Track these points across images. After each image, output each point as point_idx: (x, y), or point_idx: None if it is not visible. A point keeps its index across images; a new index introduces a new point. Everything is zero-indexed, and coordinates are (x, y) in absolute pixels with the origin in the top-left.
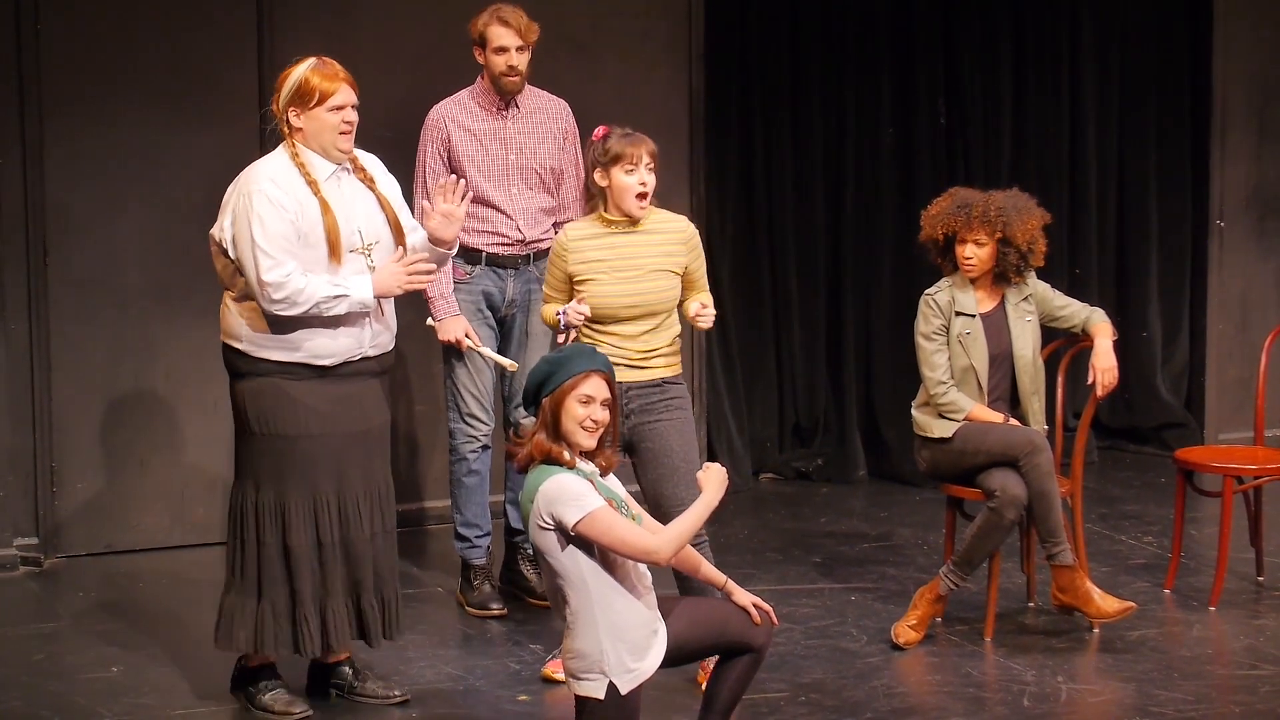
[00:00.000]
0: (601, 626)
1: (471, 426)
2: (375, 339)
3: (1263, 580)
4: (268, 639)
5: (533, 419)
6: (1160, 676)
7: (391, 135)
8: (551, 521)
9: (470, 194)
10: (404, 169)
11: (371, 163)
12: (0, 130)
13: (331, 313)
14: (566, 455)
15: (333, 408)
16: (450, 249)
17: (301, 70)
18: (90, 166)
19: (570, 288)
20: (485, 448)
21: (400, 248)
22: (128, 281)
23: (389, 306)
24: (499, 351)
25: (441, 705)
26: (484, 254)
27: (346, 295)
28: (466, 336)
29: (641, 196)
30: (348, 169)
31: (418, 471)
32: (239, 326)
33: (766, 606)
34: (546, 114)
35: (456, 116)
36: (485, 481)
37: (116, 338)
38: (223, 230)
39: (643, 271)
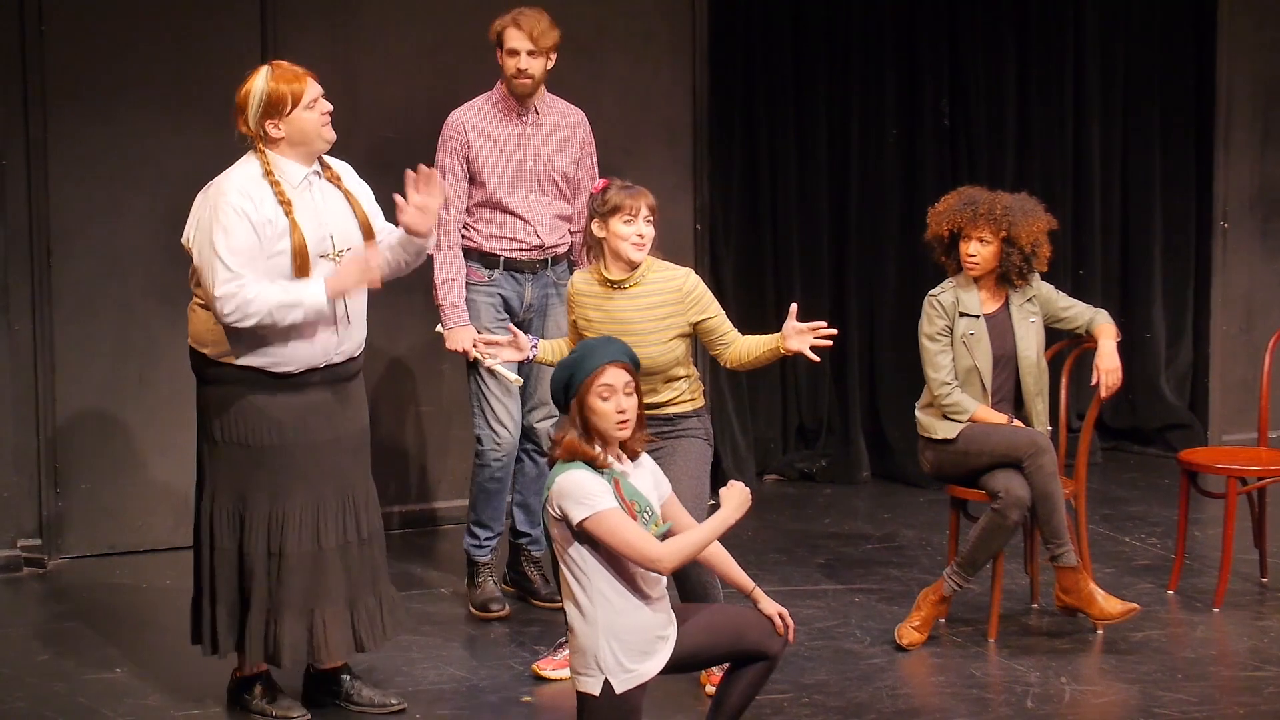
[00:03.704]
0: (601, 625)
1: (497, 434)
2: (340, 345)
3: (1266, 581)
4: (222, 643)
5: (550, 423)
6: (1164, 678)
7: (395, 135)
8: (560, 514)
9: (445, 183)
10: (404, 169)
11: (341, 168)
12: (4, 131)
13: (288, 321)
14: (598, 453)
15: (298, 417)
16: (425, 240)
17: (261, 83)
18: (94, 167)
19: (576, 332)
20: (509, 454)
21: (369, 244)
22: (131, 282)
23: (358, 312)
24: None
25: (445, 705)
26: (502, 259)
27: (300, 303)
28: (475, 347)
29: (637, 248)
30: (319, 172)
31: (424, 473)
32: (205, 332)
33: (790, 621)
34: (565, 122)
35: (476, 122)
36: (505, 488)
37: (120, 338)
38: (189, 238)
39: (638, 335)
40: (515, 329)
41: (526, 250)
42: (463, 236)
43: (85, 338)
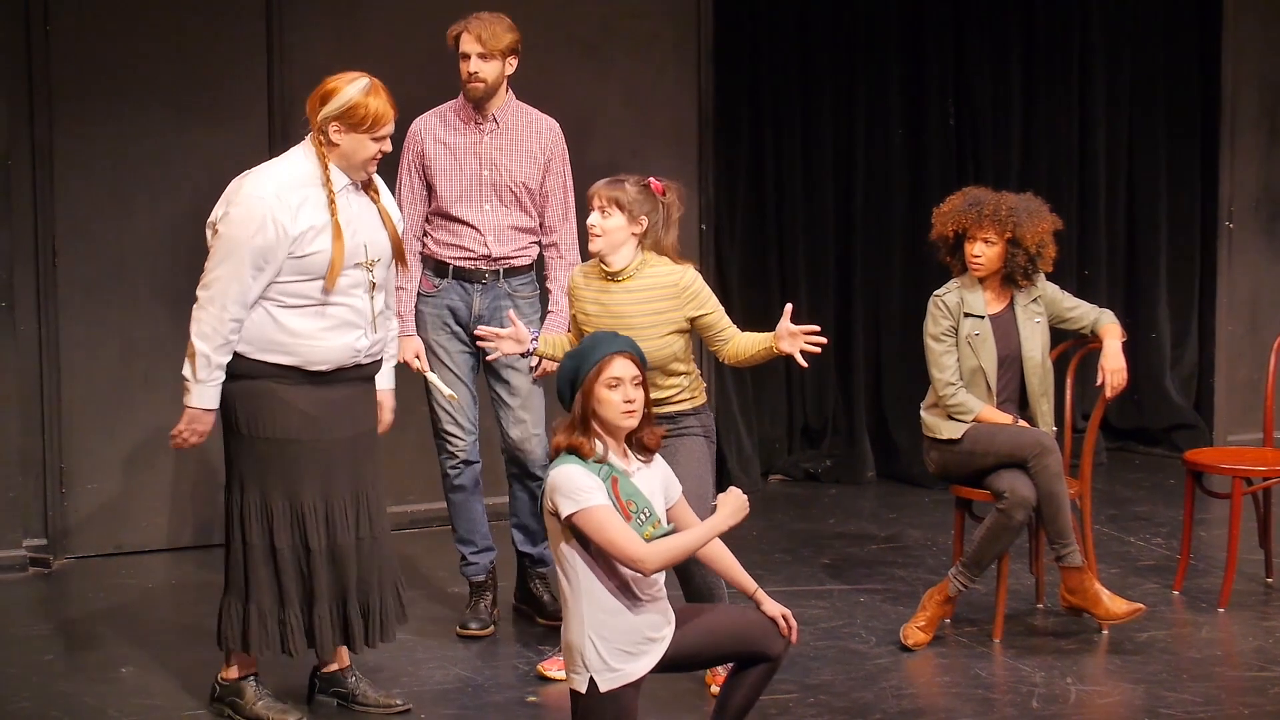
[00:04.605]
0: (588, 622)
1: (448, 442)
2: (371, 347)
3: (1271, 581)
4: (254, 640)
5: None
6: (1169, 678)
7: (398, 136)
8: (553, 507)
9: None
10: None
11: (379, 181)
12: (10, 131)
13: (187, 362)
14: (599, 448)
15: (323, 412)
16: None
17: (356, 91)
18: (99, 167)
19: (577, 326)
20: (468, 463)
21: (398, 264)
22: (137, 282)
23: (382, 313)
24: (474, 368)
25: (450, 706)
26: (451, 267)
27: (188, 379)
28: (417, 358)
29: (590, 238)
30: (357, 185)
31: (429, 472)
32: None
33: (794, 623)
34: (531, 132)
35: (434, 129)
36: (474, 498)
37: (126, 338)
38: (216, 218)
39: (635, 330)
40: (515, 318)
41: (475, 259)
42: (421, 245)
43: (91, 337)
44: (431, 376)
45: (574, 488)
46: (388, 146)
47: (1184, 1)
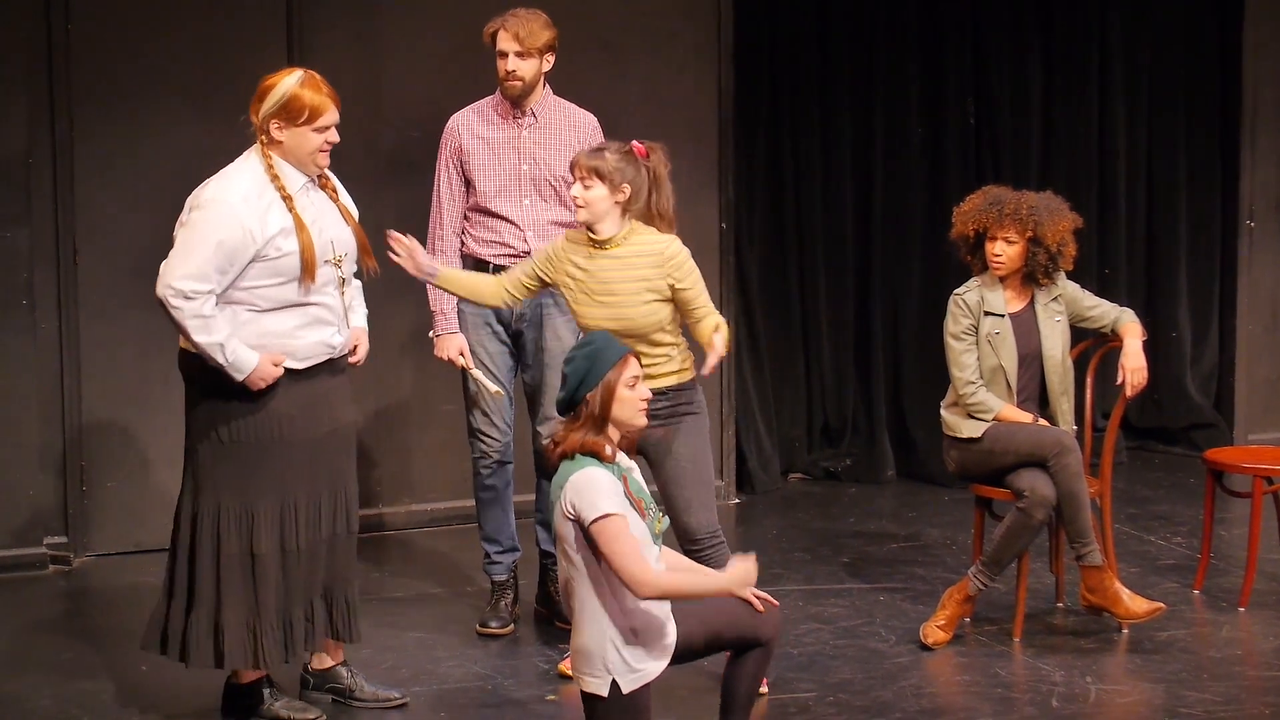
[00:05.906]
0: (607, 625)
1: (483, 441)
2: (344, 342)
3: None
4: (235, 653)
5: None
6: (1189, 677)
7: (420, 135)
8: (574, 512)
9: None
10: (431, 167)
11: (335, 180)
12: (31, 128)
13: (205, 354)
14: (608, 450)
15: (302, 411)
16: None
17: (290, 84)
18: (120, 165)
19: (537, 281)
20: (501, 463)
21: (368, 261)
22: (156, 280)
23: (354, 306)
24: (515, 367)
25: (469, 703)
26: (491, 265)
27: (224, 367)
28: (461, 355)
29: (575, 208)
30: (314, 181)
31: (450, 470)
32: None
33: (765, 594)
34: (569, 126)
35: (472, 124)
36: (503, 498)
37: (145, 336)
38: (182, 223)
39: (620, 295)
40: (414, 243)
41: (516, 256)
42: (460, 243)
43: (110, 336)
44: (477, 373)
45: (599, 492)
46: (334, 137)
47: (1204, 1)
